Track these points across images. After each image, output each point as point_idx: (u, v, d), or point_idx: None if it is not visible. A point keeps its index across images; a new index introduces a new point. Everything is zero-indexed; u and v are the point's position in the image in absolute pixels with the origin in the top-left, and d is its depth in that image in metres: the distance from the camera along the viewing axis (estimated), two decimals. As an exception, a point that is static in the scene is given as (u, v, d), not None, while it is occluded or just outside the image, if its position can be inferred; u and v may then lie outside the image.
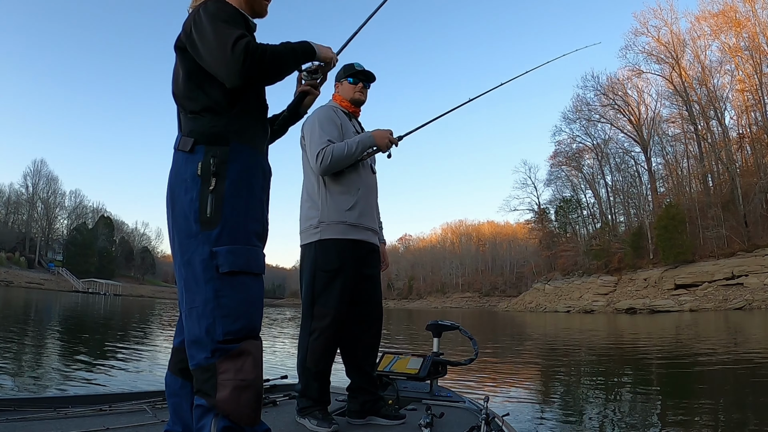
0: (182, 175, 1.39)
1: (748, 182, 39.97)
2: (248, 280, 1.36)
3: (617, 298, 44.50)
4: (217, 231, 1.34)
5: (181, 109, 1.49)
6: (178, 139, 1.45)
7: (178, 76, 1.49)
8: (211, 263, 1.33)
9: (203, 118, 1.41)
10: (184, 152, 1.41)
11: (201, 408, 1.29)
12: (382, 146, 2.48)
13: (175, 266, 1.43)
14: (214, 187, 1.35)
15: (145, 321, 16.74)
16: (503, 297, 78.04)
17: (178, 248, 1.38)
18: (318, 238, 2.40)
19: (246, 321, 1.33)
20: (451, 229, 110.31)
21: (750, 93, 42.97)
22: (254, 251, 1.39)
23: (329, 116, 2.48)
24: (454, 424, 2.35)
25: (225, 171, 1.37)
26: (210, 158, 1.37)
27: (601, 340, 13.35)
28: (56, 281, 65.67)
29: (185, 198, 1.37)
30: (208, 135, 1.39)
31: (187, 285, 1.36)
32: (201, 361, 1.31)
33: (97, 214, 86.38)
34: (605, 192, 58.03)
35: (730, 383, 6.01)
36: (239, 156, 1.41)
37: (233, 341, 1.30)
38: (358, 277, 2.43)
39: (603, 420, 4.19)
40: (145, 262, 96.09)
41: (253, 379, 1.30)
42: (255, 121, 1.50)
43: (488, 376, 6.57)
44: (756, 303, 31.03)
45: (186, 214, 1.36)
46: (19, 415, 2.07)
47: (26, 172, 74.96)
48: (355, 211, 2.43)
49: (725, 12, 44.09)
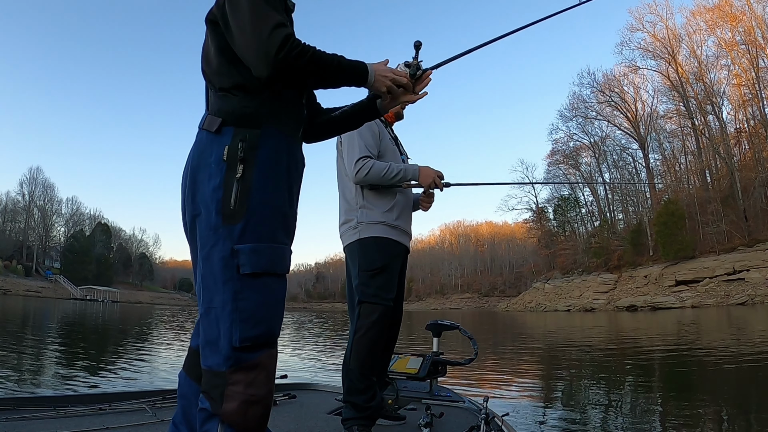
0: (206, 158, 1.26)
1: (747, 176, 39.83)
2: (271, 282, 1.24)
3: (618, 295, 44.32)
4: (240, 226, 1.21)
5: (211, 85, 1.35)
6: (204, 118, 1.32)
7: (209, 50, 1.34)
8: (231, 262, 1.20)
9: (234, 97, 1.28)
10: (210, 132, 1.27)
11: (205, 412, 1.20)
12: (424, 185, 2.45)
13: (193, 256, 1.32)
14: (241, 176, 1.22)
15: (144, 326, 16.82)
16: (503, 297, 78.04)
17: (198, 240, 1.27)
18: (358, 237, 2.38)
19: (265, 327, 1.22)
20: (450, 230, 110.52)
21: (747, 87, 42.85)
22: (280, 250, 1.27)
23: (369, 125, 2.41)
24: (454, 423, 2.33)
25: (254, 157, 1.24)
26: (238, 142, 1.24)
27: (602, 339, 13.29)
28: (54, 289, 65.52)
29: (208, 185, 1.23)
30: (238, 115, 1.27)
31: (204, 282, 1.24)
32: (212, 365, 1.21)
33: (94, 220, 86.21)
34: (603, 189, 57.95)
35: (734, 380, 5.90)
36: (270, 141, 1.28)
37: (250, 348, 1.20)
38: (399, 274, 2.45)
39: (604, 419, 4.14)
40: (143, 269, 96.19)
41: (264, 394, 1.20)
42: (290, 104, 1.36)
43: (488, 376, 6.52)
44: (758, 298, 30.81)
45: (207, 203, 1.23)
46: (19, 414, 2.07)
47: (22, 179, 74.60)
48: (394, 213, 2.42)
49: (720, 6, 44.06)
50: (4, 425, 1.92)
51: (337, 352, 9.36)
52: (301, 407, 2.75)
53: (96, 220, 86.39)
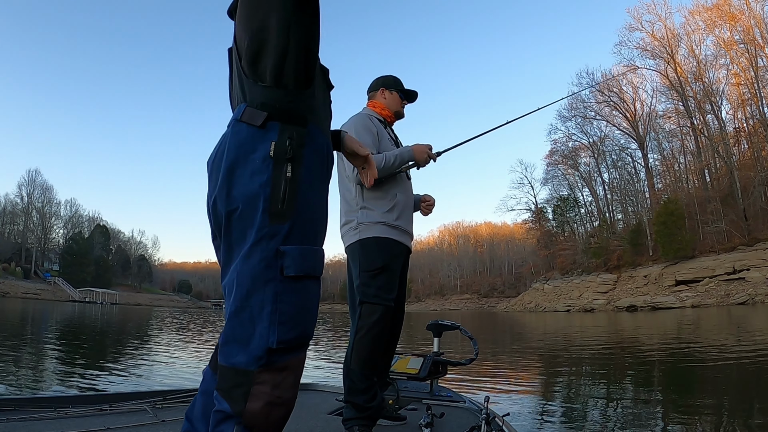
0: (248, 152, 1.20)
1: (746, 176, 39.78)
2: (310, 285, 1.22)
3: (617, 295, 44.26)
4: (287, 226, 1.18)
5: (248, 75, 1.26)
6: (242, 110, 1.23)
7: (243, 39, 1.25)
8: (275, 263, 1.17)
9: (278, 91, 1.22)
10: (253, 126, 1.20)
11: (221, 413, 1.16)
12: (420, 161, 2.48)
13: (224, 250, 1.24)
14: (291, 175, 1.19)
15: (143, 329, 16.75)
16: (502, 298, 78.01)
17: (235, 237, 1.21)
18: (358, 237, 2.40)
19: (302, 329, 1.21)
20: (449, 230, 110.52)
21: (746, 87, 42.84)
22: (320, 252, 1.25)
23: (366, 125, 2.47)
24: (455, 424, 2.34)
25: (302, 156, 1.21)
26: (286, 139, 1.20)
27: (602, 339, 13.24)
28: (53, 291, 65.53)
29: (252, 182, 1.18)
30: (284, 110, 1.22)
31: (240, 280, 1.18)
32: (238, 363, 1.16)
33: (93, 222, 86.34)
34: (602, 190, 57.93)
35: (735, 379, 5.89)
36: (315, 140, 1.25)
37: (284, 351, 1.17)
38: (400, 274, 2.46)
39: (604, 419, 4.14)
40: (142, 271, 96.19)
41: (289, 398, 1.19)
42: (324, 102, 1.34)
43: (488, 376, 6.51)
44: (759, 297, 30.73)
45: (251, 200, 1.18)
46: (20, 414, 2.07)
47: (21, 182, 75.05)
48: (394, 214, 2.43)
49: (719, 6, 44.07)
50: (5, 426, 1.92)
51: (338, 352, 9.29)
52: (301, 407, 2.69)
53: (95, 222, 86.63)
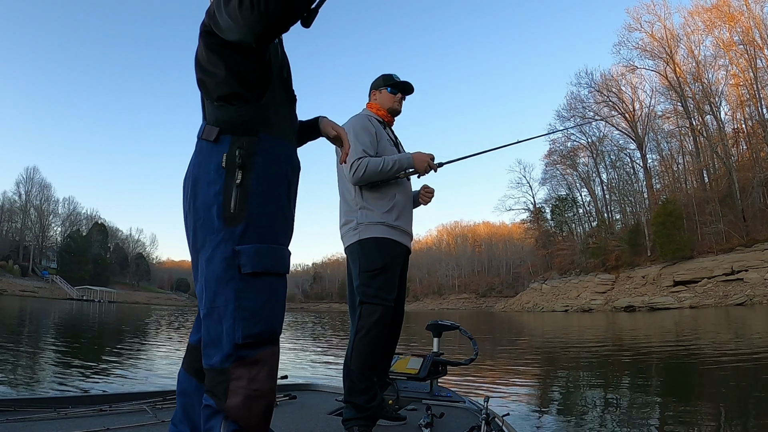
0: (206, 166, 1.31)
1: (745, 176, 39.78)
2: (272, 281, 1.29)
3: (615, 296, 44.23)
4: (241, 228, 1.26)
5: (207, 96, 1.37)
6: (202, 128, 1.36)
7: (204, 61, 1.36)
8: (233, 262, 1.25)
9: (231, 107, 1.32)
10: (209, 142, 1.32)
11: (210, 409, 1.24)
12: (420, 170, 2.48)
13: (194, 262, 1.35)
14: (240, 181, 1.27)
15: (141, 327, 16.69)
16: (500, 297, 77.97)
17: (200, 244, 1.31)
18: (358, 238, 2.40)
19: (267, 324, 1.27)
20: (447, 230, 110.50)
21: (745, 87, 42.84)
22: (279, 250, 1.32)
23: (365, 126, 2.46)
24: (454, 424, 2.34)
25: (252, 164, 1.29)
26: (236, 149, 1.29)
27: (600, 339, 13.24)
28: (50, 289, 65.34)
29: (208, 191, 1.29)
30: (235, 124, 1.31)
31: (207, 284, 1.28)
32: (215, 363, 1.25)
33: (91, 221, 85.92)
34: (601, 190, 57.89)
35: (732, 380, 5.88)
36: (268, 148, 1.33)
37: (252, 345, 1.24)
38: (399, 274, 2.46)
39: (603, 419, 4.16)
40: (140, 269, 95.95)
41: (267, 390, 1.25)
42: (284, 112, 1.42)
43: (488, 376, 6.51)
44: (757, 298, 30.71)
45: (209, 208, 1.28)
46: (20, 415, 2.07)
47: (19, 179, 74.11)
48: (393, 214, 2.44)
49: (718, 6, 44.03)
50: (4, 426, 1.93)
51: (338, 352, 9.25)
52: (301, 408, 2.72)
53: (93, 220, 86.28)
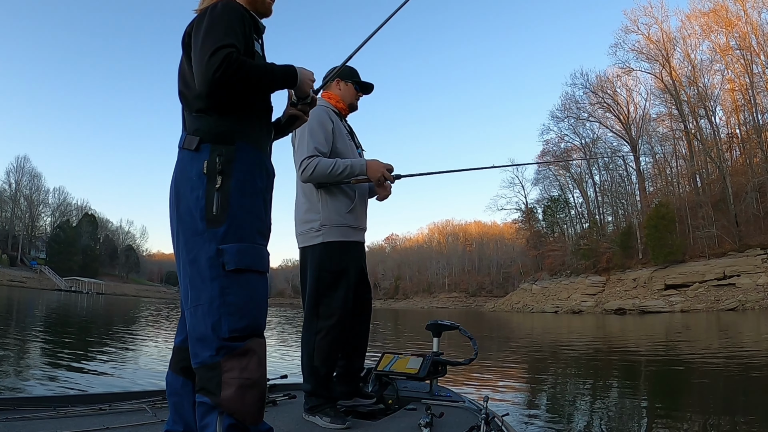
0: (188, 173, 1.38)
1: (739, 181, 39.76)
2: (254, 278, 1.35)
3: (606, 298, 44.11)
4: (223, 229, 1.34)
5: (187, 107, 1.47)
6: (183, 138, 1.44)
7: (185, 73, 1.46)
8: (217, 261, 1.33)
9: (209, 117, 1.40)
10: (190, 150, 1.40)
11: (204, 406, 1.28)
12: (373, 178, 2.40)
13: (179, 264, 1.41)
14: (220, 186, 1.35)
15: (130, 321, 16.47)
16: (490, 297, 77.81)
17: (183, 246, 1.37)
18: (322, 240, 2.39)
19: (251, 319, 1.33)
20: (438, 228, 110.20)
21: (740, 93, 42.86)
22: (259, 249, 1.39)
23: (321, 121, 2.40)
24: (454, 423, 2.34)
25: (231, 170, 1.37)
26: (216, 157, 1.37)
27: (591, 342, 13.25)
28: (39, 279, 64.92)
29: (191, 196, 1.36)
30: (214, 134, 1.39)
31: (192, 283, 1.35)
32: (205, 359, 1.30)
33: (81, 211, 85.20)
34: (593, 191, 57.82)
35: (721, 385, 5.98)
36: (245, 155, 1.41)
37: (239, 339, 1.30)
38: (359, 276, 2.47)
39: (603, 419, 4.21)
40: (130, 261, 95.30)
41: (258, 378, 1.30)
42: (260, 122, 1.50)
43: (488, 376, 6.54)
44: (749, 304, 30.61)
45: (192, 212, 1.36)
46: (19, 414, 2.07)
47: (9, 168, 73.24)
48: (354, 214, 2.44)
49: (716, 11, 43.98)
50: (4, 425, 1.92)
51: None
52: (301, 407, 2.58)
53: (83, 210, 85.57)
